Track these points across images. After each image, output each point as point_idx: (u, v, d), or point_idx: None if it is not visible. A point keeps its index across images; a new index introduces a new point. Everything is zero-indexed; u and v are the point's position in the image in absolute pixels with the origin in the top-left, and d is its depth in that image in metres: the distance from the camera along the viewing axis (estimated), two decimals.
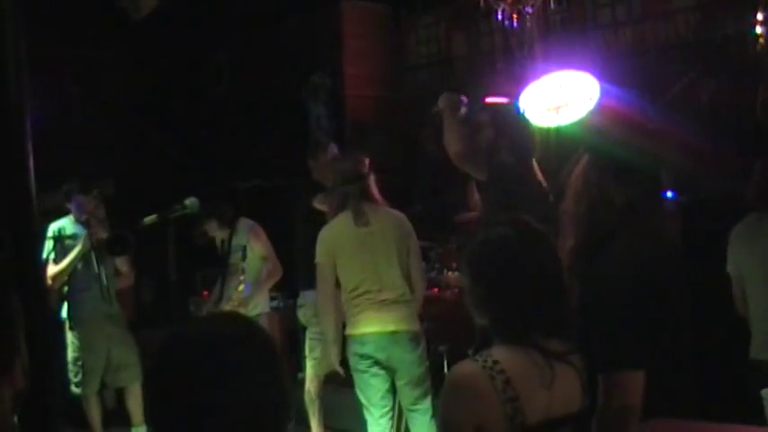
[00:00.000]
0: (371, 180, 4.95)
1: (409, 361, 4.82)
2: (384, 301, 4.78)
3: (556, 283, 2.24)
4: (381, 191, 5.02)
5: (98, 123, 9.04)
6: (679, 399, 2.52)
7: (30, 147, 3.27)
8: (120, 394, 6.54)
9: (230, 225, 6.11)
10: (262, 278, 6.06)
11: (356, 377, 4.85)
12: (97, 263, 5.90)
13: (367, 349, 4.75)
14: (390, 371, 4.82)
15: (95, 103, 9.16)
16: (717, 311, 4.45)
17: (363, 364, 4.77)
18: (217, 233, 6.14)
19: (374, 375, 4.78)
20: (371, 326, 4.77)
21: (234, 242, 6.10)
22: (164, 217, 4.84)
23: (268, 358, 1.65)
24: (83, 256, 5.92)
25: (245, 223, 6.17)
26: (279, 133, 9.06)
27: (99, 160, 8.22)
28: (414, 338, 4.86)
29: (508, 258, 2.21)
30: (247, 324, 1.72)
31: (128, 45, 9.10)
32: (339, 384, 5.85)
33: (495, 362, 2.12)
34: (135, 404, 6.24)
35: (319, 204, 5.74)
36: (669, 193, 4.76)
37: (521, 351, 2.15)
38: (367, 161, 4.99)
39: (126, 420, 6.37)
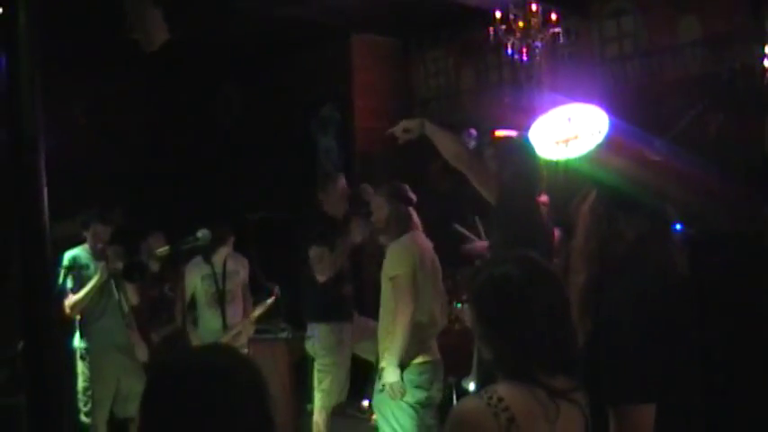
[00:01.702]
0: None
1: (441, 387, 4.75)
2: (434, 330, 4.67)
3: (561, 321, 2.22)
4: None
5: (108, 153, 9.10)
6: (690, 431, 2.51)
7: (44, 177, 3.33)
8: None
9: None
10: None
11: (397, 407, 4.49)
12: (117, 292, 5.90)
13: (422, 380, 4.53)
14: (428, 399, 4.61)
15: (106, 133, 9.24)
16: (726, 343, 4.44)
17: (415, 396, 4.50)
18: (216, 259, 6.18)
19: (421, 407, 4.52)
20: (428, 354, 4.58)
21: (228, 269, 6.13)
22: (176, 248, 4.85)
23: (255, 390, 1.69)
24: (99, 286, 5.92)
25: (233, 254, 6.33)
26: (288, 165, 9.11)
27: (109, 189, 8.25)
28: None
29: (510, 297, 2.20)
30: (235, 356, 1.77)
31: (139, 77, 9.19)
32: (350, 417, 5.80)
33: (501, 399, 2.11)
34: None
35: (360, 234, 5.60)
36: (678, 226, 4.75)
37: (525, 388, 2.14)
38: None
39: None
